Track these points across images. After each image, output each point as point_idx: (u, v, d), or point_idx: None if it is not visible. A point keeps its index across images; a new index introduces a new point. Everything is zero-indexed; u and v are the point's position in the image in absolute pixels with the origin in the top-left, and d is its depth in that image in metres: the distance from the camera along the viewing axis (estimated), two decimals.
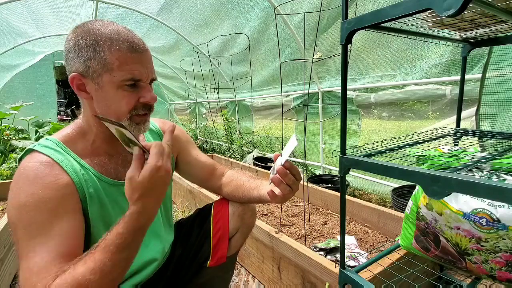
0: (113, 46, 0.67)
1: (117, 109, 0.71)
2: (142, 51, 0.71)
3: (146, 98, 0.72)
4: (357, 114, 2.67)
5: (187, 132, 1.10)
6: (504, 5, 0.67)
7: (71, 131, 0.78)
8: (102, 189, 0.76)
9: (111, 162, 0.79)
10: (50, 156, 0.70)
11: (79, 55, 0.68)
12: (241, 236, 1.03)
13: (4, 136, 3.32)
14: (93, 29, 0.68)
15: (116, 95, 0.69)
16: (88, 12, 3.55)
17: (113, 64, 0.67)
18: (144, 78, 0.71)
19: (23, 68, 4.92)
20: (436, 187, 0.61)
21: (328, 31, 2.43)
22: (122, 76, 0.68)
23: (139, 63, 0.70)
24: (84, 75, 0.69)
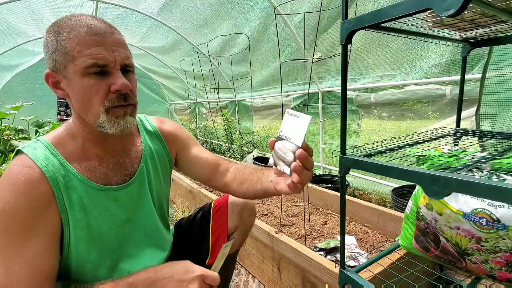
0: (72, 32, 0.62)
1: (89, 102, 0.65)
2: (105, 33, 0.64)
3: (116, 85, 0.65)
4: (357, 114, 2.67)
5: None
6: (504, 5, 0.67)
7: (62, 132, 0.75)
8: (88, 195, 0.72)
9: (101, 166, 0.75)
10: (35, 161, 0.67)
11: (47, 51, 0.66)
12: (240, 234, 1.03)
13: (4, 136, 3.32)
14: (58, 23, 0.66)
15: (83, 85, 0.64)
16: (88, 12, 3.56)
17: (73, 51, 0.62)
18: (110, 63, 0.65)
19: (23, 68, 4.92)
20: (436, 187, 0.61)
21: (328, 31, 2.43)
22: (84, 62, 0.62)
23: (101, 46, 0.63)
24: (54, 71, 0.66)
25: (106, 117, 0.67)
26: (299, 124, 0.60)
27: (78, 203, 0.71)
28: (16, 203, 0.62)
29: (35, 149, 0.70)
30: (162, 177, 0.91)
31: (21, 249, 0.63)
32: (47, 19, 3.68)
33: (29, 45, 4.24)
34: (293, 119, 0.61)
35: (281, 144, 0.63)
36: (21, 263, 0.62)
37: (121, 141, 0.80)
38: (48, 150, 0.70)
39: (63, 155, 0.71)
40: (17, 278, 0.62)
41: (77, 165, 0.72)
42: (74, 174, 0.71)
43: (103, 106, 0.66)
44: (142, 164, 0.84)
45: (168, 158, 0.94)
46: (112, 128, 0.68)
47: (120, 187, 0.78)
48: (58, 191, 0.68)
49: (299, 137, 0.60)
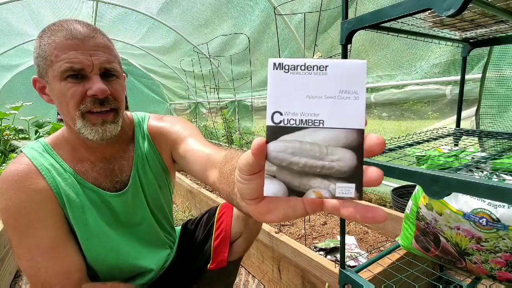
0: (51, 37, 0.63)
1: (66, 106, 0.65)
2: (84, 37, 0.63)
3: (92, 89, 0.64)
4: None
5: None
6: (504, 5, 0.67)
7: (59, 135, 0.77)
8: (84, 194, 0.74)
9: (93, 170, 0.77)
10: (31, 159, 0.70)
11: (33, 56, 0.67)
12: (244, 241, 0.99)
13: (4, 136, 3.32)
14: (44, 28, 0.66)
15: (61, 89, 0.64)
16: (88, 12, 3.56)
17: (52, 56, 0.62)
18: (87, 67, 0.63)
19: (23, 68, 4.92)
20: (436, 187, 0.61)
21: (328, 31, 2.43)
22: (60, 66, 0.62)
23: (78, 50, 0.62)
24: (40, 76, 0.67)
25: (82, 123, 0.66)
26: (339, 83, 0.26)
27: (75, 201, 0.72)
28: (18, 198, 0.65)
29: (32, 149, 0.73)
30: (156, 183, 0.88)
31: (36, 242, 0.66)
32: (47, 19, 3.68)
33: (29, 45, 4.23)
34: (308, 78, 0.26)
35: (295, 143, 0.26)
36: (42, 253, 0.66)
37: (110, 148, 0.79)
38: (46, 150, 0.73)
39: (60, 156, 0.74)
40: (43, 267, 0.67)
41: (72, 165, 0.75)
42: (71, 173, 0.73)
43: (78, 110, 0.65)
44: (134, 172, 0.82)
45: (160, 162, 0.87)
46: (90, 135, 0.67)
47: (112, 195, 0.78)
48: (56, 188, 0.70)
49: (351, 111, 0.26)
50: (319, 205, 0.30)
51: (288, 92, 0.26)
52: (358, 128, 0.26)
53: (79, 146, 0.75)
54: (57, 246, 0.68)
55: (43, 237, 0.67)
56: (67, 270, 0.69)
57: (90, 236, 0.75)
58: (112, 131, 0.69)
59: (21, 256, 0.66)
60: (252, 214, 0.33)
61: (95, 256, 0.77)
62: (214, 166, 0.63)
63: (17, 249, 0.67)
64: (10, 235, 0.66)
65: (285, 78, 0.26)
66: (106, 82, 0.67)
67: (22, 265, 0.67)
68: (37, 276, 0.66)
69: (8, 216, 0.65)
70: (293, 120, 0.26)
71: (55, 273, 0.67)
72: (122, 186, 0.81)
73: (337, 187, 0.26)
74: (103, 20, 3.83)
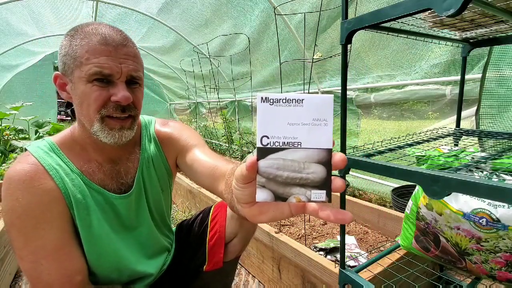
0: (85, 39, 0.64)
1: (87, 107, 0.66)
2: (117, 44, 0.65)
3: (117, 96, 0.65)
4: (356, 114, 2.67)
5: None
6: (504, 5, 0.67)
7: (67, 134, 0.76)
8: (90, 195, 0.73)
9: (99, 171, 0.76)
10: (38, 158, 0.69)
11: (59, 53, 0.67)
12: (239, 241, 0.98)
13: (4, 136, 3.32)
14: (76, 27, 0.67)
15: (85, 91, 0.64)
16: (88, 12, 3.56)
17: (82, 58, 0.63)
18: (116, 73, 0.65)
19: (23, 68, 4.92)
20: (436, 187, 0.61)
21: (328, 31, 2.43)
22: (89, 69, 0.63)
23: (109, 56, 0.64)
24: (63, 74, 0.68)
25: (100, 126, 0.67)
26: (312, 113, 0.33)
27: (82, 202, 0.72)
28: (25, 199, 0.64)
29: (38, 147, 0.71)
30: (159, 186, 0.89)
31: (41, 243, 0.65)
32: (47, 19, 3.68)
33: (29, 45, 4.24)
34: (289, 109, 0.34)
35: (279, 160, 0.34)
36: (46, 255, 0.65)
37: (118, 150, 0.79)
38: (52, 150, 0.72)
39: (67, 156, 0.73)
40: (46, 269, 0.65)
41: (79, 166, 0.74)
42: (77, 173, 0.73)
43: (99, 114, 0.66)
44: (139, 173, 0.83)
45: (165, 166, 0.89)
46: (106, 138, 0.69)
47: (117, 196, 0.78)
48: (64, 188, 0.69)
49: (321, 135, 0.34)
50: (301, 208, 0.36)
51: (273, 120, 0.33)
52: (327, 148, 0.34)
53: (89, 147, 0.75)
54: (61, 248, 0.68)
55: (48, 239, 0.66)
56: (70, 272, 0.68)
57: (93, 238, 0.74)
58: (127, 137, 0.71)
59: (24, 257, 0.65)
60: (247, 216, 0.39)
61: (96, 258, 0.76)
62: (221, 177, 0.68)
63: (20, 251, 0.65)
64: (14, 236, 0.65)
65: (270, 109, 0.33)
66: (129, 89, 0.68)
67: (24, 267, 0.65)
68: (39, 278, 0.65)
69: (15, 217, 0.64)
70: (277, 143, 0.34)
71: (57, 275, 0.66)
72: (127, 188, 0.81)
73: (312, 193, 0.34)
74: (103, 20, 3.83)
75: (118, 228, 0.80)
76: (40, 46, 4.51)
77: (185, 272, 0.99)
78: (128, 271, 0.83)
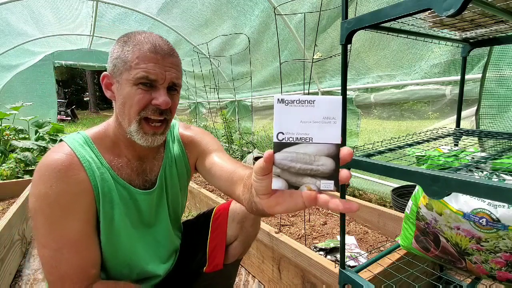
0: (136, 46, 0.70)
1: (129, 108, 0.71)
2: (164, 54, 0.71)
3: (158, 100, 0.70)
4: (356, 114, 2.67)
5: None
6: (504, 5, 0.67)
7: (101, 129, 0.80)
8: (116, 190, 0.77)
9: (128, 166, 0.80)
10: (74, 150, 0.72)
11: (110, 56, 0.73)
12: (240, 244, 0.99)
13: (4, 136, 3.32)
14: (129, 35, 0.73)
15: (130, 92, 0.70)
16: (88, 11, 3.56)
17: (132, 62, 0.69)
18: (160, 79, 0.70)
19: (23, 68, 4.92)
20: (436, 187, 0.61)
21: (328, 31, 2.43)
22: (137, 73, 0.68)
23: (156, 64, 0.70)
24: (111, 74, 0.73)
25: (137, 128, 0.72)
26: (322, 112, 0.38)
27: (108, 196, 0.75)
28: (58, 187, 0.67)
29: (74, 139, 0.75)
30: (179, 185, 0.93)
31: (64, 233, 0.68)
32: (47, 19, 3.68)
33: (29, 45, 4.24)
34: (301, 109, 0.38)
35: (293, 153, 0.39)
36: (68, 245, 0.68)
37: (148, 148, 0.82)
38: (86, 143, 0.76)
39: (99, 150, 0.77)
40: (66, 259, 0.67)
41: (109, 160, 0.78)
42: (107, 168, 0.76)
43: (139, 115, 0.71)
44: (162, 172, 0.87)
45: (187, 167, 0.94)
46: (140, 140, 0.74)
47: (141, 192, 0.82)
48: (94, 181, 0.73)
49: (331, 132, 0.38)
50: (313, 200, 0.38)
51: (287, 119, 0.38)
52: (336, 143, 0.38)
53: (121, 143, 0.79)
54: (83, 240, 0.70)
55: (73, 229, 0.68)
56: (86, 265, 0.70)
57: (113, 231, 0.77)
58: (159, 141, 0.77)
59: (46, 245, 0.67)
60: (264, 207, 0.44)
61: (113, 251, 0.79)
62: (239, 181, 0.74)
63: (43, 238, 0.67)
64: (40, 223, 0.67)
65: (285, 109, 0.38)
66: (169, 95, 0.74)
67: (44, 254, 0.67)
68: (57, 267, 0.67)
69: (45, 204, 0.66)
70: (291, 138, 0.38)
71: (75, 266, 0.68)
72: (150, 185, 0.85)
73: (322, 183, 0.39)
74: (103, 20, 3.83)
75: (137, 223, 0.83)
76: (40, 46, 4.51)
77: (186, 272, 1.00)
78: (138, 269, 0.85)
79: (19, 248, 1.77)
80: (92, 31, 4.17)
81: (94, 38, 4.52)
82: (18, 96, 4.99)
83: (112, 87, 0.74)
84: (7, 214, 1.73)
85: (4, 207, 2.28)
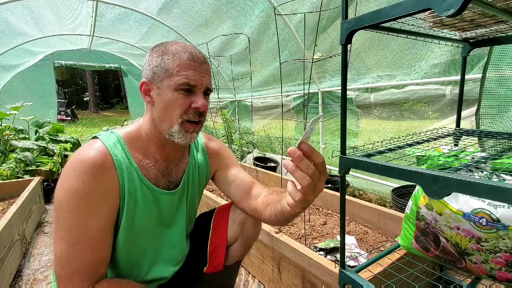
0: (176, 55, 0.76)
1: (171, 112, 0.76)
2: (201, 62, 0.78)
3: (198, 103, 0.77)
4: (356, 114, 2.67)
5: None
6: (504, 5, 0.67)
7: (132, 130, 0.83)
8: (141, 190, 0.80)
9: (155, 167, 0.84)
10: (108, 148, 0.75)
11: (149, 64, 0.78)
12: (240, 246, 1.01)
13: (4, 136, 3.32)
14: (165, 45, 0.79)
15: (172, 97, 0.76)
16: (88, 11, 3.56)
17: (173, 70, 0.75)
18: (198, 85, 0.77)
19: (23, 68, 4.92)
20: (436, 187, 0.61)
21: (328, 31, 2.43)
22: (179, 80, 0.74)
23: (195, 71, 0.76)
24: (150, 81, 0.78)
25: (178, 128, 0.78)
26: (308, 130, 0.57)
27: (133, 195, 0.78)
28: (89, 184, 0.69)
29: (109, 138, 0.78)
30: (197, 190, 0.98)
31: (85, 229, 0.70)
32: (47, 19, 3.68)
33: (29, 45, 4.23)
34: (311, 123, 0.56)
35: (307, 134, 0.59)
36: (85, 241, 0.70)
37: (176, 151, 0.88)
38: (119, 142, 0.79)
39: (129, 149, 0.80)
40: (80, 255, 0.69)
41: (138, 161, 0.81)
42: (135, 168, 0.80)
43: (181, 118, 0.77)
44: (185, 175, 0.92)
45: (207, 174, 1.00)
46: (180, 139, 0.79)
47: (165, 192, 0.86)
48: (122, 180, 0.76)
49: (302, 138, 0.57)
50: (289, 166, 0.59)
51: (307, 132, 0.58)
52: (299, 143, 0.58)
53: (152, 144, 0.83)
54: (100, 238, 0.72)
55: (93, 226, 0.70)
56: (98, 263, 0.72)
57: (133, 230, 0.80)
58: (194, 139, 0.82)
59: (65, 238, 0.68)
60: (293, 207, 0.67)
61: (127, 251, 0.81)
62: (256, 196, 0.91)
63: (63, 231, 0.69)
64: (63, 216, 0.68)
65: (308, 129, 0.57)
66: (204, 98, 0.80)
67: (60, 247, 0.69)
68: (71, 262, 0.68)
69: (73, 198, 0.68)
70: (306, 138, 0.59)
71: (87, 263, 0.70)
72: (173, 186, 0.89)
73: None
74: (103, 20, 3.83)
75: (156, 224, 0.87)
76: (40, 46, 4.51)
77: (187, 272, 1.01)
78: (148, 270, 0.88)
79: (19, 248, 1.77)
80: (92, 31, 4.17)
81: (94, 38, 4.52)
82: (18, 96, 4.98)
83: (151, 92, 0.78)
84: (7, 214, 1.73)
85: (4, 207, 2.28)
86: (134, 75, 6.28)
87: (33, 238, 2.12)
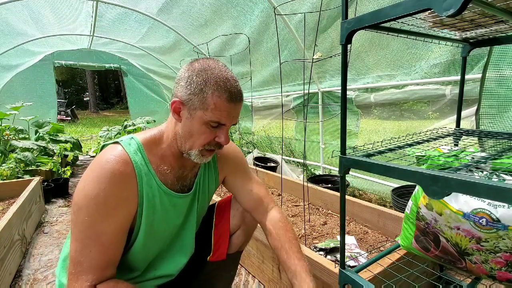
0: (216, 91, 0.76)
1: (195, 140, 0.79)
2: (236, 104, 0.80)
3: (221, 139, 0.81)
4: (356, 114, 2.67)
5: None
6: (504, 5, 0.67)
7: (152, 136, 0.85)
8: (158, 196, 0.82)
9: (171, 173, 0.86)
10: (130, 156, 0.77)
11: (188, 87, 0.77)
12: (242, 233, 1.08)
13: (4, 136, 3.32)
14: (207, 70, 0.78)
15: (200, 129, 0.78)
16: (88, 11, 3.55)
17: (209, 106, 0.76)
18: (228, 123, 0.80)
19: (23, 68, 4.91)
20: (436, 187, 0.61)
21: (328, 31, 2.43)
22: (212, 117, 0.76)
23: (230, 112, 0.78)
24: (184, 103, 0.78)
25: (197, 153, 0.81)
26: None
27: (151, 201, 0.81)
28: (110, 190, 0.71)
29: (130, 145, 0.80)
30: (207, 193, 1.01)
31: (99, 233, 0.72)
32: (47, 19, 3.68)
33: (29, 45, 4.23)
34: None
35: None
36: (97, 245, 0.72)
37: (191, 160, 0.89)
38: (139, 150, 0.81)
39: (148, 156, 0.82)
40: (90, 258, 0.71)
41: (156, 167, 0.83)
42: (153, 174, 0.82)
43: (203, 147, 0.80)
44: (197, 179, 0.95)
45: (216, 178, 1.02)
46: (195, 159, 0.83)
47: (180, 195, 0.89)
48: (141, 187, 0.78)
49: None
50: None
51: None
52: None
53: (169, 153, 0.85)
54: (111, 243, 0.74)
55: (108, 231, 0.72)
56: (106, 265, 0.74)
57: (152, 235, 0.83)
58: (209, 160, 0.86)
59: (80, 240, 0.71)
60: None
61: (146, 252, 0.85)
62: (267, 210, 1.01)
63: (80, 233, 0.71)
64: (80, 219, 0.70)
65: None
66: None
67: (75, 248, 0.71)
68: (82, 263, 0.70)
69: (93, 203, 0.70)
70: None
71: (96, 265, 0.71)
72: (187, 190, 0.93)
73: None
74: (103, 20, 3.82)
75: (172, 226, 0.90)
76: (40, 46, 4.50)
77: (190, 264, 1.03)
78: (158, 266, 0.92)
79: (19, 248, 1.77)
80: (92, 31, 4.17)
81: (94, 38, 4.52)
82: (18, 96, 4.98)
83: (181, 112, 0.80)
84: (7, 214, 1.73)
85: (4, 207, 2.28)
86: (134, 75, 6.28)
87: (33, 238, 2.12)
